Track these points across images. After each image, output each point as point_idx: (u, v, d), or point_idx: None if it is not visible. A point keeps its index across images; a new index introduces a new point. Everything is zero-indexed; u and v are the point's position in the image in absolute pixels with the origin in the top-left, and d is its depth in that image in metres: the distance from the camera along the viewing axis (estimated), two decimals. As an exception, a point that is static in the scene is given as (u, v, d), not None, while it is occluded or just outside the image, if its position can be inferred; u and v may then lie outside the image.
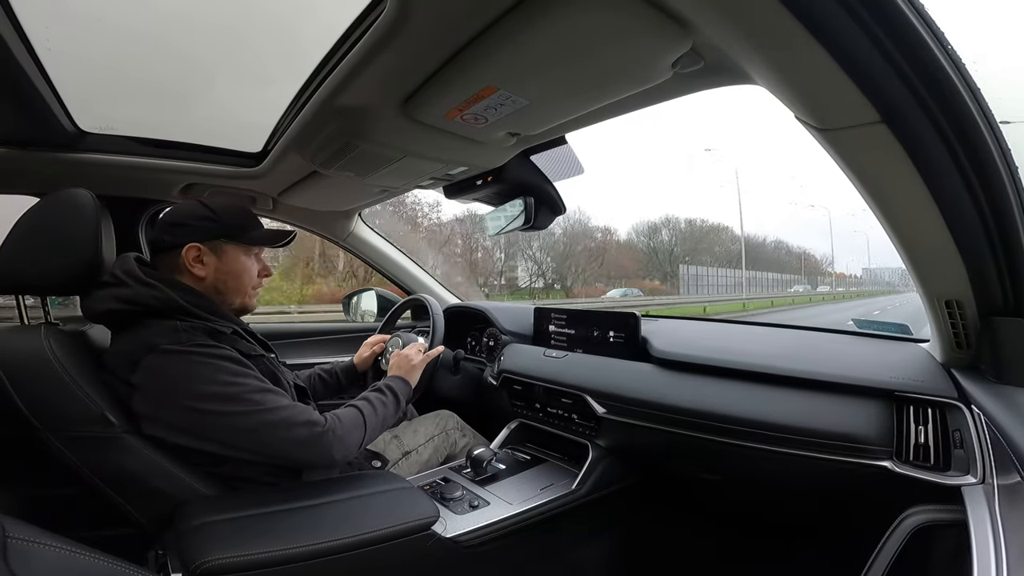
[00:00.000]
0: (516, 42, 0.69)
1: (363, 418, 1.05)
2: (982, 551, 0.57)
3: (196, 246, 1.03)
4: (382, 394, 1.16)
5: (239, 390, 0.91)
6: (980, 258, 0.73)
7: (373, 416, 1.08)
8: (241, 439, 0.93)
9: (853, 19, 0.51)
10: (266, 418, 0.92)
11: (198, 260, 1.04)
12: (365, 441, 1.05)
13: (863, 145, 0.66)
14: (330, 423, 0.98)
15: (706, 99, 3.55)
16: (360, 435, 1.04)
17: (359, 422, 1.04)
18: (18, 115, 1.11)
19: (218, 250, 1.06)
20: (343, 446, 0.99)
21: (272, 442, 0.93)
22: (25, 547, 0.54)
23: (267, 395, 0.94)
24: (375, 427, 1.09)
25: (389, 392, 1.18)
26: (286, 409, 0.94)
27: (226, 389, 0.90)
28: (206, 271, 1.05)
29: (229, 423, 0.91)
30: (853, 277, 63.83)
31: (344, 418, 1.02)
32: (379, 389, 1.18)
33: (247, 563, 0.81)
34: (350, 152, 1.13)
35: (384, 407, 1.13)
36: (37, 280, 0.96)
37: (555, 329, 1.59)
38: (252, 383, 0.94)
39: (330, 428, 0.97)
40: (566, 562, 1.28)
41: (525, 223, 1.40)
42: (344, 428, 1.00)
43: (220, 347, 0.95)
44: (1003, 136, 0.62)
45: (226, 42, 1.02)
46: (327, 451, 0.96)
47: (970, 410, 0.82)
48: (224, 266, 1.07)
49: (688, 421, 1.10)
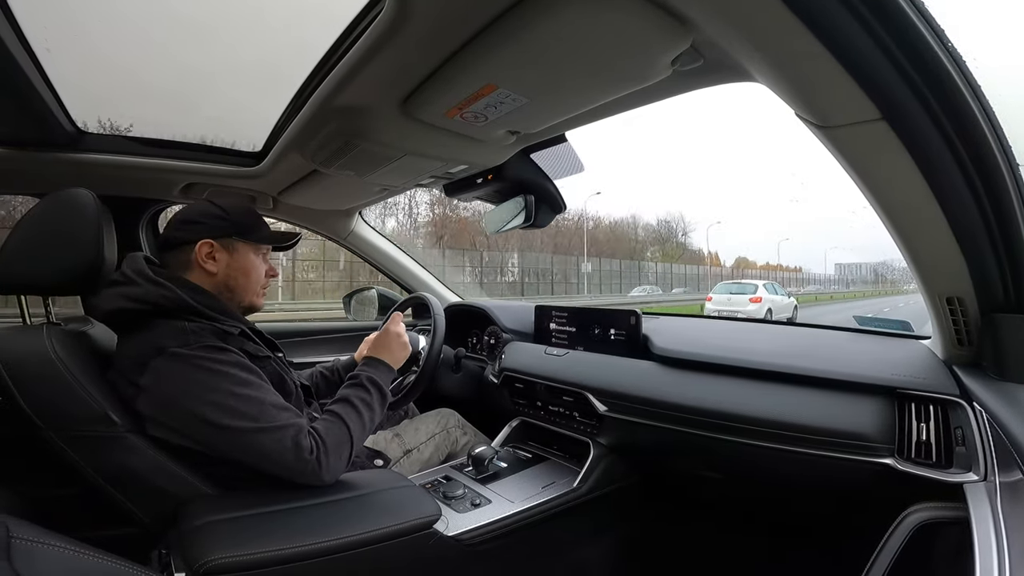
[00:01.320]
0: (516, 40, 0.69)
1: (348, 432, 1.00)
2: (984, 548, 0.57)
3: (209, 242, 1.04)
4: (365, 392, 1.10)
5: (236, 403, 0.90)
6: (981, 255, 0.73)
7: (359, 425, 1.03)
8: (234, 452, 0.92)
9: (853, 16, 0.51)
10: (257, 440, 0.90)
11: (210, 256, 1.05)
12: (355, 450, 1.02)
13: (864, 142, 0.66)
14: (315, 452, 0.93)
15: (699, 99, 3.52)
16: (347, 451, 1.00)
17: (344, 437, 0.99)
18: (18, 115, 1.11)
19: (230, 247, 1.07)
20: (331, 472, 0.95)
21: (261, 463, 0.92)
22: (29, 547, 0.55)
23: (264, 410, 0.92)
24: (361, 435, 1.05)
25: (372, 388, 1.11)
26: (278, 431, 0.91)
27: (226, 400, 0.90)
28: (218, 267, 1.06)
29: (224, 437, 0.90)
30: (794, 270, 50.35)
31: (329, 439, 0.97)
32: (361, 385, 1.11)
33: (250, 562, 0.81)
34: (350, 151, 1.13)
35: (369, 408, 1.08)
36: (39, 280, 0.96)
37: (556, 327, 1.59)
38: (253, 395, 0.92)
39: (315, 459, 0.93)
40: (568, 560, 1.28)
41: (525, 221, 1.39)
42: (329, 449, 0.95)
43: (228, 350, 0.95)
44: (1004, 132, 0.62)
45: (225, 41, 1.02)
46: (313, 479, 0.94)
47: (972, 407, 0.82)
48: (235, 263, 1.08)
49: (690, 419, 1.10)
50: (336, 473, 0.98)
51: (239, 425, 0.89)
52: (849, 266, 57.10)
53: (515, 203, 1.41)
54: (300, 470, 0.93)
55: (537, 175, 1.35)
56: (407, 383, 1.49)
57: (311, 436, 0.95)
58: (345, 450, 0.99)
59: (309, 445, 0.93)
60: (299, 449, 0.92)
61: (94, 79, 1.11)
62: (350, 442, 1.00)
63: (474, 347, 1.91)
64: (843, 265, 57.06)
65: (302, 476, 0.93)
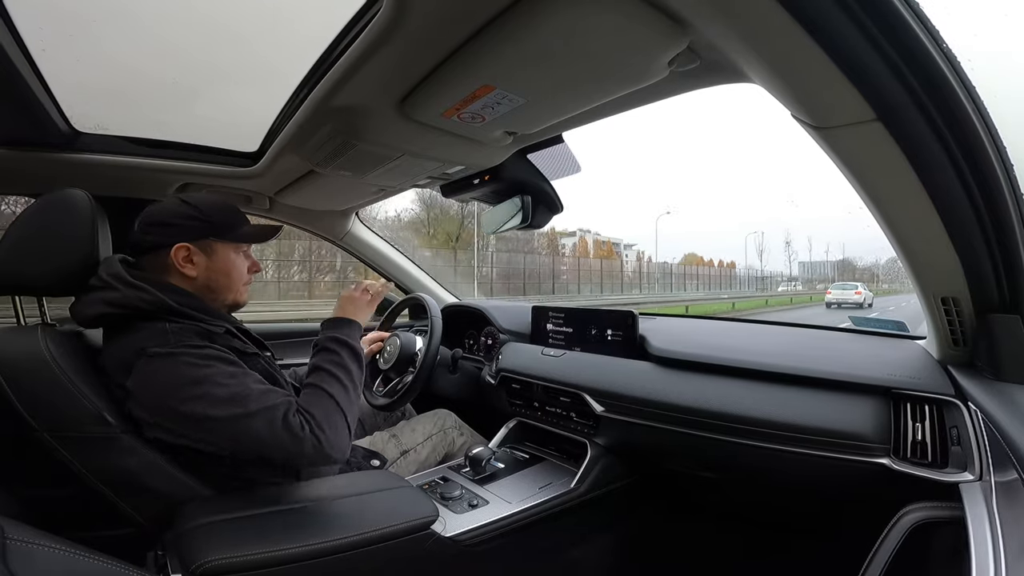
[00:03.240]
0: (514, 40, 0.69)
1: (333, 399, 0.95)
2: (980, 548, 0.57)
3: (185, 246, 1.00)
4: (331, 353, 1.04)
5: (222, 392, 0.88)
6: (976, 255, 0.74)
7: (341, 389, 0.98)
8: (230, 443, 0.91)
9: (849, 17, 0.51)
10: (248, 425, 0.88)
11: (188, 260, 1.01)
12: (351, 416, 0.97)
13: (859, 143, 0.66)
14: (306, 428, 0.89)
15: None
16: (341, 418, 0.94)
17: (331, 406, 0.95)
18: (12, 115, 1.10)
19: (207, 249, 1.03)
20: (334, 445, 0.91)
21: (260, 449, 0.90)
22: (24, 548, 0.54)
23: (251, 396, 0.89)
24: (347, 399, 0.99)
25: (338, 347, 1.05)
26: (268, 411, 0.88)
27: (212, 391, 0.88)
28: (197, 271, 1.02)
29: (215, 428, 0.88)
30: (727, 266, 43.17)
31: (315, 411, 0.92)
32: (326, 349, 1.05)
33: (247, 563, 0.81)
34: (347, 151, 1.13)
35: (343, 368, 1.02)
36: (33, 281, 0.95)
37: (553, 328, 1.59)
38: (236, 383, 0.90)
39: (310, 434, 0.89)
40: (565, 560, 1.28)
41: (523, 222, 1.40)
42: (320, 421, 0.91)
43: (211, 347, 0.93)
44: (999, 133, 0.62)
45: (222, 41, 1.02)
46: (319, 457, 0.91)
47: (967, 407, 0.83)
48: (215, 264, 1.04)
49: (686, 419, 1.11)
50: (341, 445, 0.93)
51: (228, 413, 0.87)
52: (814, 264, 58.06)
53: (512, 204, 1.41)
54: (300, 450, 0.89)
55: (534, 176, 1.35)
56: (404, 384, 1.49)
57: (299, 413, 0.91)
58: (337, 418, 0.94)
59: (299, 422, 0.89)
60: (289, 427, 0.88)
61: (90, 79, 1.10)
62: (339, 409, 0.95)
63: (471, 348, 1.91)
64: (807, 263, 58.47)
65: (305, 456, 0.90)
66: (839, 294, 22.35)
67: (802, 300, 29.74)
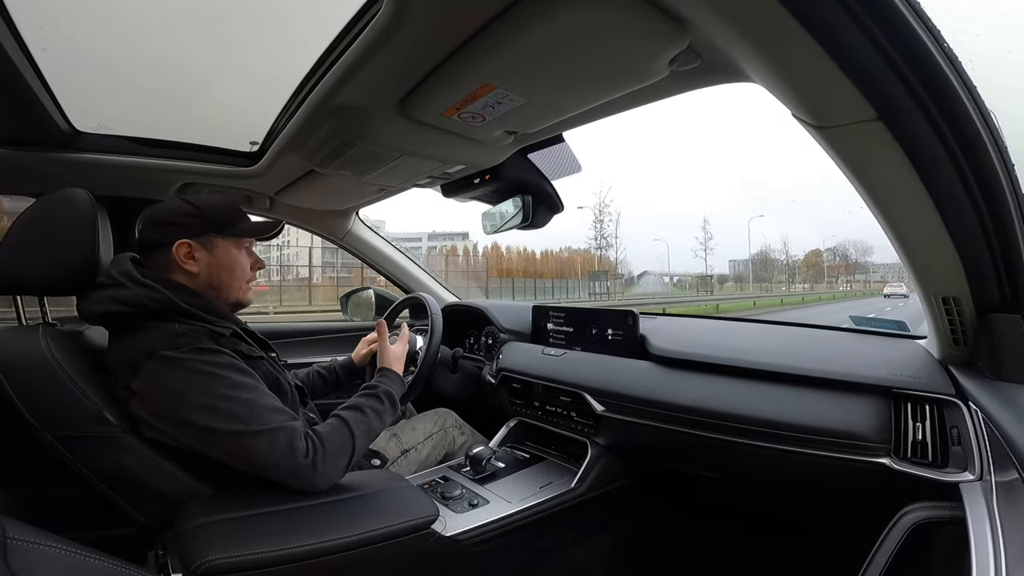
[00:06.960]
0: (515, 40, 0.69)
1: (352, 440, 0.99)
2: (980, 548, 0.57)
3: (186, 242, 1.02)
4: (378, 401, 1.10)
5: (228, 406, 0.89)
6: (977, 254, 0.73)
7: (364, 436, 1.03)
8: (227, 457, 0.91)
9: (850, 16, 0.51)
10: (249, 443, 0.89)
11: (189, 256, 1.02)
12: (353, 462, 1.00)
13: (860, 142, 0.66)
14: (311, 455, 0.91)
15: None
16: (347, 459, 0.98)
17: (347, 445, 0.98)
18: (13, 115, 1.10)
19: (208, 245, 1.04)
20: (325, 477, 0.94)
21: (253, 467, 0.91)
22: (25, 548, 0.54)
23: (256, 413, 0.90)
24: (364, 446, 1.04)
25: (388, 401, 1.12)
26: (271, 434, 0.90)
27: (217, 403, 0.88)
28: (199, 267, 1.03)
29: (215, 440, 0.89)
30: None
31: (329, 444, 0.95)
32: (377, 396, 1.11)
33: (247, 563, 0.81)
34: (347, 151, 1.12)
35: (380, 421, 1.08)
36: (34, 280, 0.95)
37: (554, 327, 1.59)
38: (244, 397, 0.91)
39: (310, 462, 0.91)
40: (566, 560, 1.28)
41: (523, 221, 1.40)
42: (327, 453, 0.94)
43: (221, 352, 0.93)
44: (1000, 133, 0.62)
45: (222, 41, 1.02)
46: (306, 484, 0.93)
47: (967, 407, 0.82)
48: (216, 260, 1.05)
49: (687, 419, 1.11)
50: (331, 479, 0.95)
51: (230, 428, 0.88)
52: (742, 262, 57.85)
53: (512, 203, 1.41)
54: (293, 474, 0.91)
55: (535, 175, 1.35)
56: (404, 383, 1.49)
57: (309, 439, 0.93)
58: (345, 458, 0.97)
59: (305, 448, 0.91)
60: (293, 452, 0.90)
61: (91, 79, 1.10)
62: (351, 450, 0.98)
63: (471, 347, 1.91)
64: (736, 262, 58.33)
65: (295, 481, 0.92)
66: (892, 288, 32.19)
67: (812, 299, 34.36)
